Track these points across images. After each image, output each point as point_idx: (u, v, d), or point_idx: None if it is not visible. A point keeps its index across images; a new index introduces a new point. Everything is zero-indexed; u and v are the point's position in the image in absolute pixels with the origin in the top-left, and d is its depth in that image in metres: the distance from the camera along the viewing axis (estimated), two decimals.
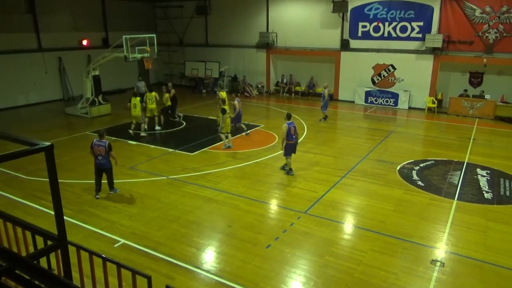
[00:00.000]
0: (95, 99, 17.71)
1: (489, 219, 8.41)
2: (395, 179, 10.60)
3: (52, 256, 4.24)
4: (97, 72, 17.74)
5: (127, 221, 8.20)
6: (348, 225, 8.29)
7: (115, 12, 23.78)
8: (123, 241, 7.42)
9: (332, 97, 21.84)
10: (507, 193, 9.77)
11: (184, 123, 16.41)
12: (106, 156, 8.97)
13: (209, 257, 7.07)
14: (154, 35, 17.70)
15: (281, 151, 10.83)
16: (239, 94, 17.46)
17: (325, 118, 17.09)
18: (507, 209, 8.94)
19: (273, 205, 9.23)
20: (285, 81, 23.58)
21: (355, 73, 20.95)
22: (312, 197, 9.36)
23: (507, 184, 10.26)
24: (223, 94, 15.28)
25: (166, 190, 9.75)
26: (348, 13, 20.57)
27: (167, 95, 16.27)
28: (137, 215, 8.48)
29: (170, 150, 12.88)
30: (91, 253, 4.69)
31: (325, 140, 14.12)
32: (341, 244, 7.50)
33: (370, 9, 20.09)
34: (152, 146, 13.30)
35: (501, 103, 17.94)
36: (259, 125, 16.13)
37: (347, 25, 20.86)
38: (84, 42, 22.23)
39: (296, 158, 12.11)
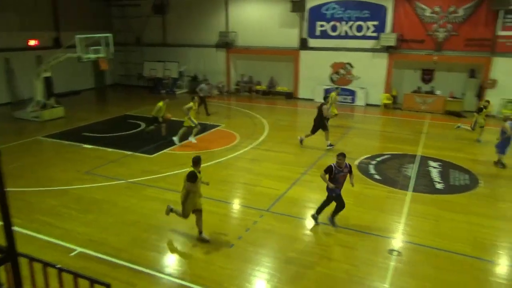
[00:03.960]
0: (47, 101, 16.90)
1: (441, 209, 8.85)
2: (354, 173, 10.84)
3: (2, 269, 3.98)
4: (49, 74, 16.94)
5: (84, 228, 7.89)
6: (310, 221, 8.42)
7: (67, 10, 22.77)
8: (79, 249, 7.12)
9: (292, 96, 22.18)
10: (457, 183, 10.32)
11: (143, 125, 16.01)
12: None
13: (171, 260, 6.95)
14: (110, 34, 17.14)
15: (243, 150, 10.82)
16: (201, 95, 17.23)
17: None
18: (457, 198, 9.45)
19: (236, 205, 9.22)
20: (245, 80, 23.61)
21: (314, 72, 21.35)
22: (274, 195, 9.43)
23: (457, 175, 10.83)
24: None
25: (125, 194, 9.48)
26: (306, 13, 20.92)
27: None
28: (94, 221, 8.18)
29: (129, 152, 12.53)
30: (45, 264, 4.43)
31: (286, 138, 14.27)
32: (304, 240, 7.61)
33: (327, 9, 20.54)
34: (110, 149, 12.86)
35: (450, 98, 18.94)
36: (220, 125, 16.06)
37: (305, 24, 21.21)
38: (32, 42, 21.09)
39: (258, 156, 12.19)
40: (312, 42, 21.21)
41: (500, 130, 11.26)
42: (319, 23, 20.84)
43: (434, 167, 11.38)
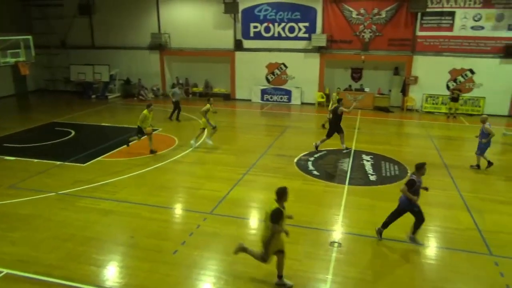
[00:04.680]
0: None
1: (375, 199, 9.38)
2: (294, 171, 11.18)
3: None
4: None
5: (10, 248, 7.20)
6: (254, 220, 8.49)
7: None
8: (6, 271, 6.49)
9: (229, 97, 22.21)
10: (388, 174, 11.02)
11: (73, 132, 15.05)
12: None
13: (112, 273, 6.59)
14: (30, 37, 15.91)
15: (183, 154, 10.60)
16: (135, 98, 16.59)
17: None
18: (389, 188, 10.07)
19: (178, 209, 9.00)
20: (180, 82, 23.19)
21: (250, 72, 21.57)
22: (216, 197, 9.35)
23: (387, 166, 11.56)
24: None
25: (57, 207, 8.82)
26: (240, 14, 21.06)
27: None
28: (22, 239, 7.51)
29: (58, 162, 11.69)
30: None
31: (226, 139, 14.24)
32: (249, 240, 7.61)
33: (260, 10, 20.85)
34: (36, 160, 11.90)
35: (378, 95, 20.19)
36: (157, 129, 15.59)
37: (239, 25, 21.34)
38: None
39: (198, 159, 12.02)
40: (247, 43, 21.42)
41: (480, 132, 11.20)
42: (252, 24, 21.10)
43: (367, 160, 12.04)
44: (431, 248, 7.50)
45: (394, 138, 14.55)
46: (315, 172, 11.04)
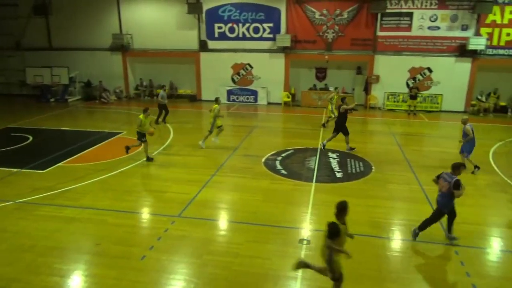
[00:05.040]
0: None
1: (342, 195, 9.48)
2: (262, 171, 11.21)
3: None
4: None
5: None
6: (223, 221, 8.44)
7: None
8: None
9: (195, 98, 22.00)
10: (353, 170, 11.28)
11: (31, 138, 14.38)
12: None
13: (76, 283, 6.34)
14: None
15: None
16: (97, 101, 16.06)
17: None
18: (354, 184, 10.32)
19: (145, 214, 8.79)
20: (145, 84, 22.73)
21: (216, 73, 21.46)
22: (184, 199, 9.21)
23: (353, 163, 11.84)
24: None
25: (14, 217, 8.38)
26: (204, 15, 20.90)
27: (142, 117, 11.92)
28: None
29: (15, 170, 11.12)
30: None
31: (193, 141, 14.07)
32: (218, 241, 7.57)
33: (224, 11, 20.79)
34: None
35: (342, 94, 20.60)
36: (121, 132, 15.19)
37: (203, 26, 21.18)
38: None
39: (164, 162, 11.81)
40: (212, 44, 21.30)
41: (462, 133, 11.19)
42: (217, 25, 21.00)
43: (333, 158, 12.27)
44: (396, 240, 7.74)
45: (358, 135, 14.89)
46: (283, 171, 11.13)
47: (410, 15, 19.12)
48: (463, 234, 7.77)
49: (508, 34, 18.53)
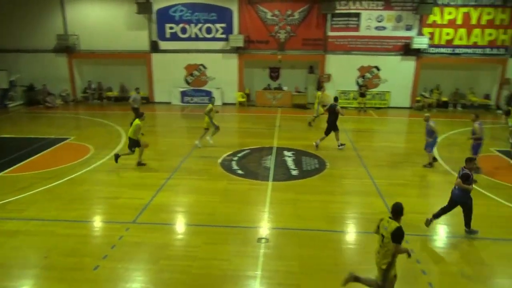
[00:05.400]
0: None
1: (298, 193, 9.72)
2: (218, 172, 11.13)
3: None
4: None
5: None
6: (180, 225, 8.28)
7: None
8: None
9: (148, 100, 21.45)
10: (308, 168, 11.50)
11: None
12: None
13: None
14: None
15: (100, 162, 9.94)
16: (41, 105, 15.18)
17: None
18: (310, 181, 10.52)
19: (97, 222, 8.42)
20: (93, 86, 21.82)
21: (169, 74, 21.06)
22: (139, 204, 8.93)
23: (308, 161, 12.07)
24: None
25: None
26: (154, 15, 20.43)
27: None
28: None
29: None
30: None
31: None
32: (175, 245, 7.41)
33: (175, 11, 20.43)
34: None
35: (295, 93, 21.01)
36: (69, 137, 14.47)
37: (154, 26, 20.69)
38: None
39: (117, 167, 11.39)
40: (163, 45, 20.87)
41: (426, 130, 11.44)
42: (168, 25, 20.61)
43: (289, 156, 12.44)
44: (351, 233, 7.98)
45: (312, 133, 15.21)
46: (239, 171, 11.12)
47: (358, 15, 19.83)
48: (411, 223, 8.14)
49: (447, 34, 19.73)
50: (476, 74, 20.74)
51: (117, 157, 11.33)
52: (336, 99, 13.65)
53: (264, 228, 7.98)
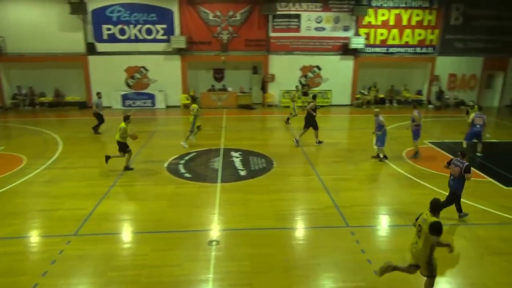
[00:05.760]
0: None
1: (247, 193, 9.75)
2: (165, 176, 10.86)
3: None
4: None
5: None
6: (126, 233, 7.95)
7: None
8: None
9: (86, 105, 20.41)
10: (256, 167, 11.59)
11: None
12: None
13: None
14: None
15: (34, 173, 9.26)
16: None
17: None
18: (258, 181, 10.60)
19: (34, 237, 7.83)
20: (24, 92, 20.33)
21: (108, 77, 20.19)
22: (81, 215, 8.45)
23: (255, 160, 12.16)
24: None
25: None
26: (89, 15, 19.47)
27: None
28: None
29: None
30: None
31: (86, 152, 13.03)
32: (122, 255, 7.11)
33: (112, 12, 19.64)
34: None
35: (240, 94, 21.09)
36: None
37: (90, 28, 19.73)
38: None
39: (54, 177, 10.71)
40: (101, 47, 19.97)
41: (376, 125, 11.90)
42: (105, 26, 19.77)
43: (236, 157, 12.45)
44: (299, 229, 8.15)
45: (258, 133, 15.37)
46: (187, 175, 10.93)
47: (298, 17, 20.34)
48: (356, 216, 8.52)
49: (382, 34, 20.87)
50: (409, 72, 22.17)
51: (107, 158, 11.34)
52: (314, 97, 14.25)
53: (215, 230, 7.91)
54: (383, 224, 8.51)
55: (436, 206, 5.51)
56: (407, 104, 20.57)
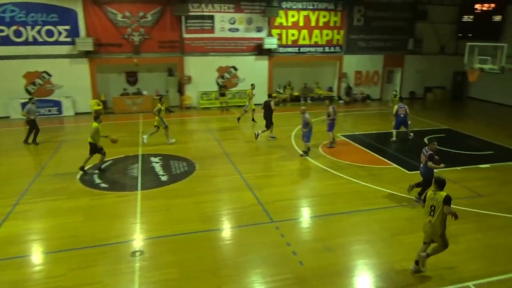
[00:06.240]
0: None
1: (170, 198, 9.48)
2: (78, 188, 10.08)
3: None
4: None
5: None
6: (36, 255, 7.21)
7: None
8: None
9: None
10: (178, 171, 11.32)
11: None
12: None
13: None
14: None
15: None
16: None
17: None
18: (180, 184, 10.36)
19: None
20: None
21: (3, 84, 18.11)
22: None
23: (176, 164, 11.86)
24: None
25: None
26: None
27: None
28: None
29: None
30: None
31: None
32: (33, 279, 6.43)
33: (4, 11, 17.64)
34: None
35: (156, 97, 20.38)
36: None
37: None
38: None
39: None
40: None
41: (303, 122, 12.33)
42: None
43: (156, 162, 12.02)
44: (226, 230, 8.14)
45: (178, 136, 15.00)
46: (103, 185, 10.26)
47: (211, 17, 20.27)
48: (279, 211, 8.76)
49: (293, 35, 21.73)
50: (320, 70, 23.44)
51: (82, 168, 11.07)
52: (270, 95, 14.92)
53: (138, 240, 7.55)
54: (305, 216, 8.88)
55: (442, 184, 6.23)
56: (320, 101, 21.70)
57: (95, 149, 11.04)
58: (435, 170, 8.66)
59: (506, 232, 7.87)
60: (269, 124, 14.58)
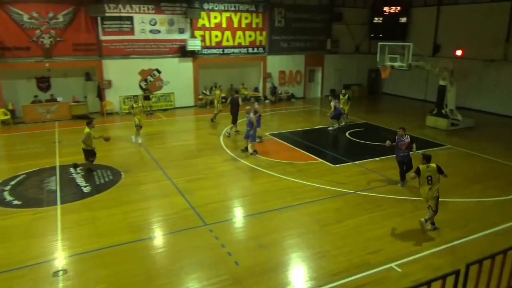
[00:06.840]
0: None
1: (94, 210, 8.90)
2: None
3: None
4: None
5: None
6: None
7: None
8: None
9: None
10: (102, 181, 10.67)
11: None
12: None
13: None
14: None
15: None
16: None
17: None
18: (106, 195, 9.78)
19: None
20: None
21: None
22: None
23: (100, 174, 11.18)
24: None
25: None
26: None
27: None
28: None
29: None
30: None
31: None
32: None
33: None
34: None
35: (73, 103, 19.07)
36: None
37: None
38: None
39: None
40: None
41: (247, 122, 12.54)
42: None
43: (77, 173, 11.22)
44: (157, 238, 7.84)
45: (100, 144, 14.16)
46: (16, 202, 9.30)
47: (130, 19, 19.44)
48: (212, 213, 8.68)
49: (216, 36, 21.69)
50: (245, 71, 23.70)
51: (75, 166, 11.29)
52: (237, 91, 15.31)
53: (60, 259, 6.96)
54: (238, 216, 8.90)
55: (429, 158, 7.69)
56: (247, 101, 21.95)
57: (90, 153, 11.22)
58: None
59: (420, 215, 8.64)
60: (235, 120, 15.26)
